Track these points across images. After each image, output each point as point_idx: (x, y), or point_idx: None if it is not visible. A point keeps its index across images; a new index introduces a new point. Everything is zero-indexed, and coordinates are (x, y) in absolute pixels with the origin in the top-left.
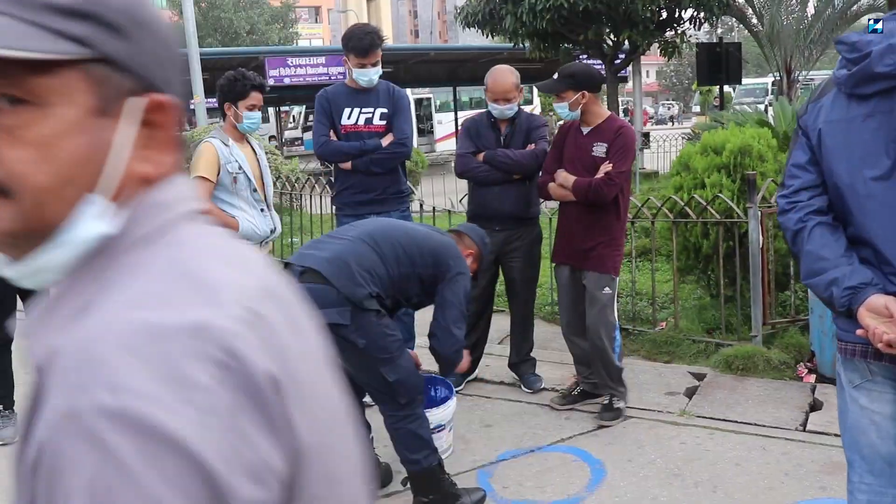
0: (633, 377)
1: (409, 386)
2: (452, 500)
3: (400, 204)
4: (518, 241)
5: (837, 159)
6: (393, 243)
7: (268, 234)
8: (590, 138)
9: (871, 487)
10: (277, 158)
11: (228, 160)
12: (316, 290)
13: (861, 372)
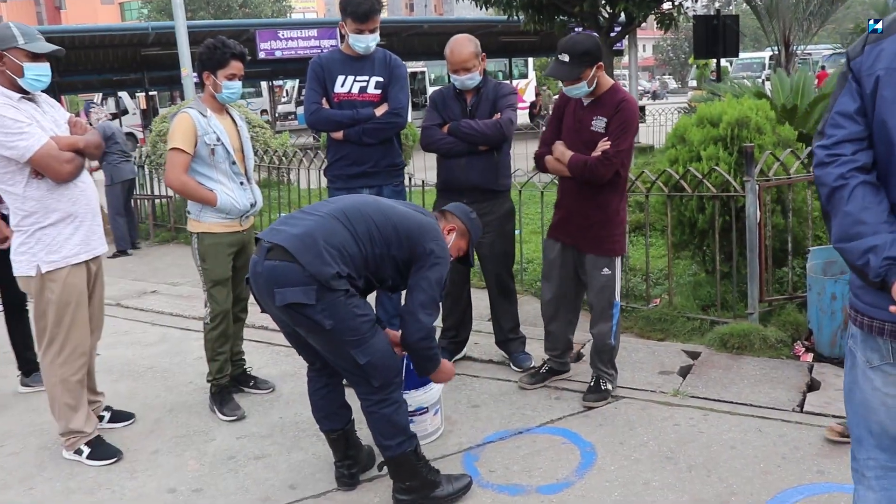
0: (626, 355)
1: (382, 368)
2: (431, 487)
3: (394, 178)
4: (488, 215)
5: (890, 114)
6: (367, 221)
7: (248, 208)
8: (590, 110)
9: (879, 463)
10: (266, 132)
11: (206, 131)
12: (281, 267)
13: (883, 353)
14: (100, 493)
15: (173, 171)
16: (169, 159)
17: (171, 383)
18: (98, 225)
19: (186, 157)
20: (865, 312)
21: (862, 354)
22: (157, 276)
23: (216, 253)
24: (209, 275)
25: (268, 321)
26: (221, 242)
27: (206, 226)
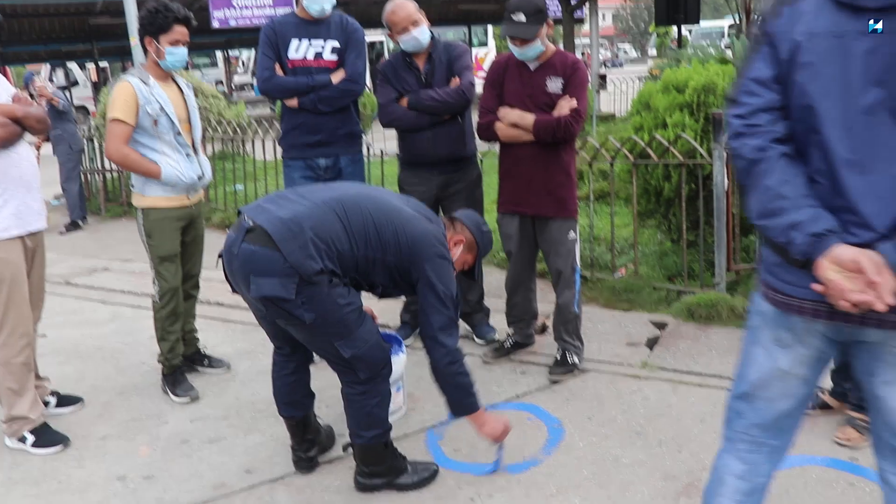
0: (592, 327)
1: (369, 361)
2: (396, 473)
3: (351, 147)
4: (457, 182)
5: (816, 81)
6: (365, 220)
7: (194, 180)
8: (541, 73)
9: (755, 438)
10: (220, 102)
11: (148, 100)
12: (260, 254)
13: (794, 332)
14: (45, 484)
15: (113, 143)
16: (109, 130)
17: (122, 364)
18: (35, 200)
19: (127, 127)
20: (783, 290)
21: (772, 333)
22: (108, 252)
23: (162, 228)
24: (156, 251)
25: (223, 297)
26: (168, 217)
27: (150, 200)
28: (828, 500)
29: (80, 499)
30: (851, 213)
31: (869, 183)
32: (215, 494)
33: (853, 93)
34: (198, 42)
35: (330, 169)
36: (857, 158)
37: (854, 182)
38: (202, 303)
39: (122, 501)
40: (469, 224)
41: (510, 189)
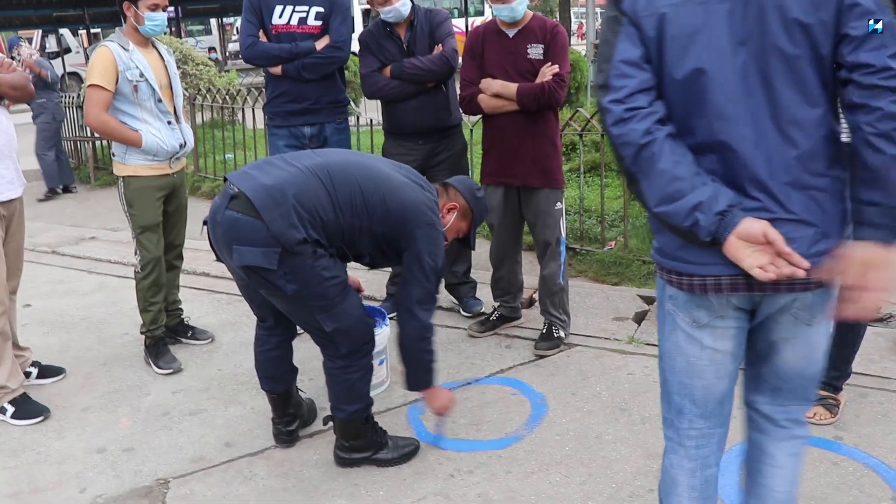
0: (580, 301)
1: (352, 335)
2: (376, 448)
3: (337, 115)
4: (443, 152)
5: (687, 50)
6: (352, 186)
7: (176, 149)
8: (520, 40)
9: (701, 431)
10: (210, 70)
11: (127, 66)
12: (242, 222)
13: (710, 309)
14: (23, 455)
15: (92, 110)
16: (88, 97)
17: (106, 335)
18: (7, 169)
19: (106, 94)
20: (691, 272)
21: (687, 315)
22: (96, 221)
23: (143, 197)
24: (137, 220)
25: (209, 268)
26: (149, 186)
27: (132, 168)
28: (811, 479)
29: (57, 470)
30: (746, 179)
31: (755, 145)
32: (194, 468)
33: (726, 56)
34: (192, 9)
35: (315, 137)
36: (741, 122)
37: (743, 146)
38: (188, 273)
39: (100, 474)
40: (463, 190)
41: (495, 160)
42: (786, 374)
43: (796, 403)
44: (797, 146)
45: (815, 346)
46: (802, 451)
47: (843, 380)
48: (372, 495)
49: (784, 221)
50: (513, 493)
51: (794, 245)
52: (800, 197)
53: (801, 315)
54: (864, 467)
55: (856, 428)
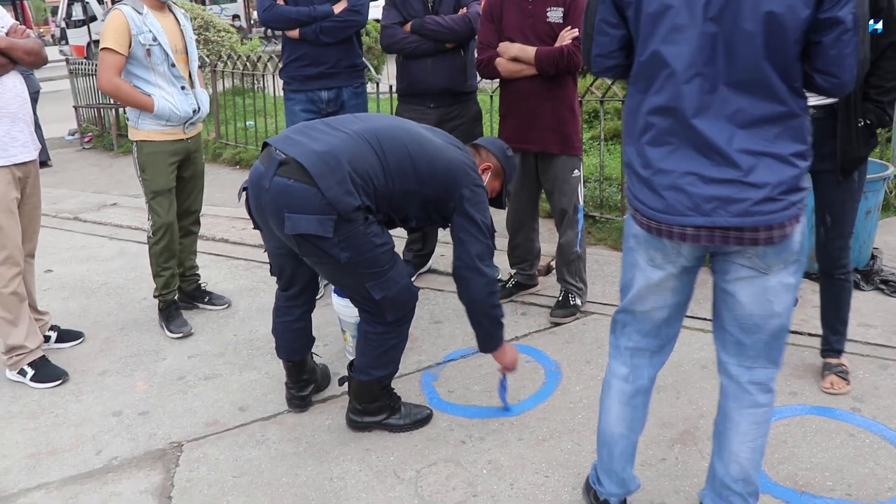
0: (598, 269)
1: (399, 303)
2: (388, 413)
3: (354, 79)
4: (456, 119)
5: (663, 19)
6: (400, 152)
7: (189, 114)
8: (540, 3)
9: (637, 344)
10: (233, 37)
11: (140, 30)
12: (297, 189)
13: (666, 253)
14: (42, 418)
15: (105, 73)
16: (100, 60)
17: (124, 300)
18: (21, 132)
19: (119, 57)
20: (651, 217)
21: (644, 253)
22: (118, 187)
23: (156, 162)
24: (149, 185)
25: (228, 234)
26: (162, 151)
27: (144, 133)
28: (826, 450)
29: (75, 433)
30: (706, 147)
31: (712, 117)
32: (207, 431)
33: (697, 22)
34: None
35: (332, 102)
36: (703, 93)
37: (702, 121)
38: (206, 239)
39: (115, 436)
40: (494, 150)
41: (513, 126)
42: (745, 324)
43: (761, 365)
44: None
45: (774, 295)
46: (766, 420)
47: (843, 341)
48: (383, 460)
49: (735, 182)
50: (523, 461)
51: (742, 204)
52: (751, 160)
53: (755, 262)
54: (881, 439)
55: (874, 400)
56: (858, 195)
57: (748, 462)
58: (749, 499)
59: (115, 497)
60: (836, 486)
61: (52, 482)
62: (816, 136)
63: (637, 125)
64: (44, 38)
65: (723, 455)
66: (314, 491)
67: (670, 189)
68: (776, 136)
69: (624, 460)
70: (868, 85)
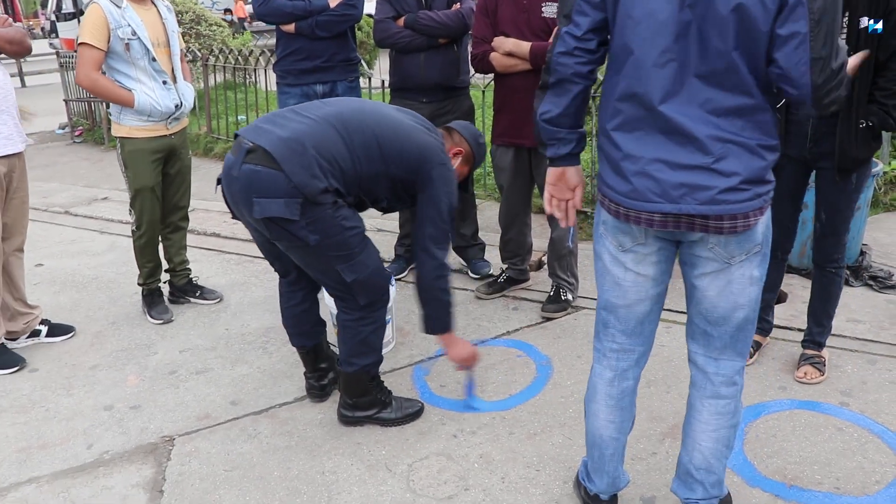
0: (589, 264)
1: (370, 286)
2: (379, 407)
3: (348, 73)
4: (448, 114)
5: None
6: (366, 135)
7: (171, 110)
8: None
9: (622, 346)
10: (224, 31)
11: (119, 24)
12: (263, 174)
13: (633, 236)
14: (33, 412)
15: (82, 69)
16: (78, 55)
17: (116, 294)
18: (3, 123)
19: (97, 52)
20: (618, 201)
21: (613, 240)
22: (109, 181)
23: (138, 160)
24: (132, 183)
25: (219, 228)
26: (144, 149)
27: (126, 130)
28: (814, 444)
29: (66, 427)
30: (676, 133)
31: (683, 104)
32: (199, 425)
33: (674, 9)
34: None
35: (327, 96)
36: (674, 80)
37: (670, 107)
38: (198, 233)
39: (107, 430)
40: (467, 135)
41: (507, 121)
42: (711, 316)
43: (728, 357)
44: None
45: (738, 286)
46: (729, 412)
47: (826, 335)
48: (374, 454)
49: (704, 169)
50: (515, 454)
51: (709, 192)
52: (721, 148)
53: (718, 252)
54: (868, 433)
55: (862, 394)
56: (856, 196)
57: (710, 452)
58: (710, 488)
59: (106, 491)
60: (825, 479)
61: (42, 476)
62: (817, 133)
63: (608, 110)
64: (33, 31)
65: (687, 443)
66: (306, 485)
67: (638, 175)
68: (744, 126)
69: (615, 461)
70: (875, 86)
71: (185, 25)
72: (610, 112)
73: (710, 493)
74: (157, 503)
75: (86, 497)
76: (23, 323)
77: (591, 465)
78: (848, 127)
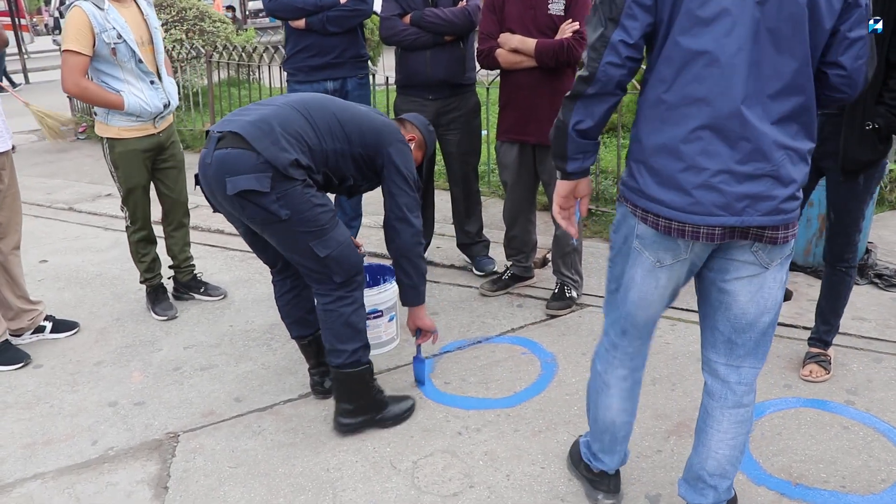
0: (594, 261)
1: (344, 262)
2: (377, 408)
3: (359, 69)
4: (454, 111)
5: None
6: (327, 115)
7: (160, 109)
8: None
9: (637, 349)
10: (227, 27)
11: (104, 28)
12: (233, 154)
13: (676, 252)
14: (38, 408)
15: (69, 77)
16: (63, 62)
17: (120, 291)
18: None
19: (83, 58)
20: (671, 217)
21: (652, 255)
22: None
23: (128, 161)
24: (123, 183)
25: (223, 225)
26: (135, 149)
27: (115, 130)
28: (820, 442)
29: (70, 423)
30: (741, 139)
31: (752, 107)
32: (203, 422)
33: (747, 7)
34: None
35: (337, 92)
36: (746, 82)
37: (746, 111)
38: (202, 230)
39: (111, 427)
40: (417, 124)
41: (512, 117)
42: (739, 322)
43: (749, 364)
44: (782, 105)
45: (769, 291)
46: (748, 419)
47: (833, 334)
48: (379, 451)
49: (766, 177)
50: (520, 451)
51: (772, 203)
52: (780, 155)
53: (760, 257)
54: (874, 432)
55: (868, 393)
56: (865, 197)
57: (726, 459)
58: (722, 494)
59: (111, 487)
60: (830, 477)
61: (48, 472)
62: (825, 132)
63: (656, 119)
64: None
65: (700, 451)
66: (310, 481)
67: (702, 188)
68: (797, 131)
69: (626, 441)
70: (885, 87)
71: (188, 22)
72: (660, 120)
73: (720, 497)
74: (162, 499)
75: (91, 493)
76: (27, 320)
77: (599, 447)
78: (852, 128)
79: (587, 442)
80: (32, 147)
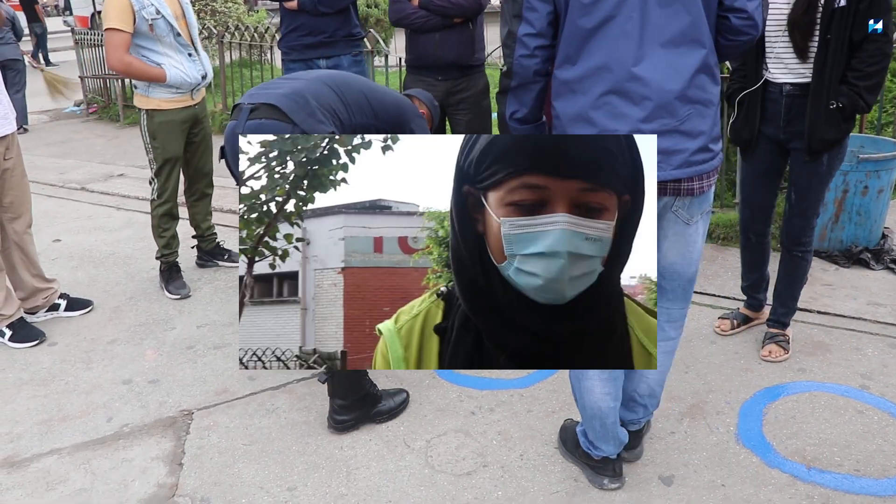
0: None
1: None
2: (373, 403)
3: (352, 48)
4: (463, 91)
5: None
6: (355, 90)
7: (199, 80)
8: None
9: (681, 306)
10: (239, 8)
11: (143, 5)
12: (268, 125)
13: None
14: (53, 385)
15: (115, 53)
16: (107, 41)
17: (133, 270)
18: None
19: (125, 35)
20: None
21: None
22: (125, 158)
23: (167, 131)
24: (160, 153)
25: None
26: (174, 120)
27: (155, 102)
28: (834, 426)
29: (85, 400)
30: (643, 98)
31: (651, 67)
32: (217, 400)
33: None
34: None
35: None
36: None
37: (640, 70)
38: (217, 210)
39: (126, 404)
40: (424, 99)
41: None
42: (668, 274)
43: (678, 306)
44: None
45: (693, 244)
46: (673, 350)
47: (790, 316)
48: (392, 430)
49: (674, 132)
50: (533, 432)
51: (679, 156)
52: (686, 108)
53: (681, 214)
54: (889, 416)
55: (883, 377)
56: (827, 178)
57: (655, 381)
58: (651, 408)
59: (126, 463)
60: (844, 461)
61: (64, 448)
62: (791, 113)
63: (572, 89)
64: (47, 9)
65: (632, 377)
66: (324, 459)
67: None
68: (704, 83)
69: (616, 424)
70: (848, 67)
71: (200, 2)
72: (571, 92)
73: (648, 413)
74: (177, 476)
75: (106, 469)
76: (42, 298)
77: (593, 435)
78: (818, 107)
79: (583, 431)
80: (44, 127)
